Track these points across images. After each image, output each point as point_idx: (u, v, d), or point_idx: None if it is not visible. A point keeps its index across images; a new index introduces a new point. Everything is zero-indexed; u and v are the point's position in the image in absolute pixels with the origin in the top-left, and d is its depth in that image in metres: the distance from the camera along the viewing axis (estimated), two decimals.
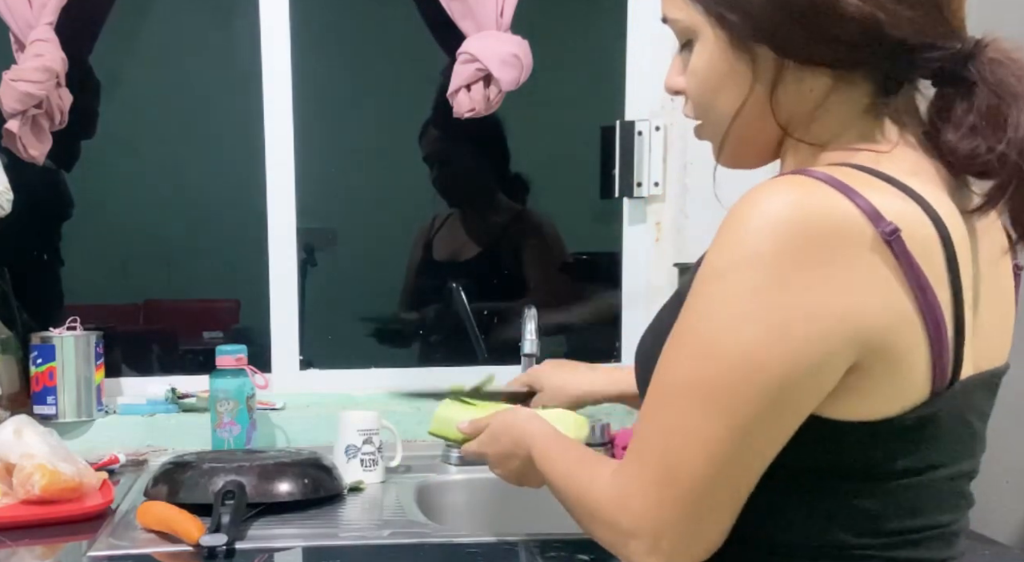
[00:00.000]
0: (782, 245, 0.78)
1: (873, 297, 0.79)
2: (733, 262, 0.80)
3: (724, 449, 0.81)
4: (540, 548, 1.37)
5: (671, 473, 0.83)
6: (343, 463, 1.69)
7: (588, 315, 2.29)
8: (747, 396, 0.80)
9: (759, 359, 0.79)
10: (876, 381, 0.81)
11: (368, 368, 2.14)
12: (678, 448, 0.82)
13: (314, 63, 2.08)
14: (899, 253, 0.78)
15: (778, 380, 0.79)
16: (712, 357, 0.81)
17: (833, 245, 0.78)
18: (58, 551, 1.42)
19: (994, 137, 0.82)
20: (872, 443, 0.82)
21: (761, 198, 0.80)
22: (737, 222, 0.80)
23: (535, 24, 1.99)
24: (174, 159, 2.30)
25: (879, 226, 0.78)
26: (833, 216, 0.78)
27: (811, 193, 0.79)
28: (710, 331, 0.81)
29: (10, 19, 1.84)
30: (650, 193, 2.08)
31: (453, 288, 2.22)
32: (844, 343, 0.79)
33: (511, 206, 2.35)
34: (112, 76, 2.17)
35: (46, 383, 1.89)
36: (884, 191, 0.81)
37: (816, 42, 0.84)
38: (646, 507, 0.84)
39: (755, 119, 0.90)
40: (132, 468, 1.82)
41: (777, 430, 0.81)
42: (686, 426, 0.82)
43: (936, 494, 0.87)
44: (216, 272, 2.36)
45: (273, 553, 1.38)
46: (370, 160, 2.35)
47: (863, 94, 0.87)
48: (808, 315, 0.78)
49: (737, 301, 0.79)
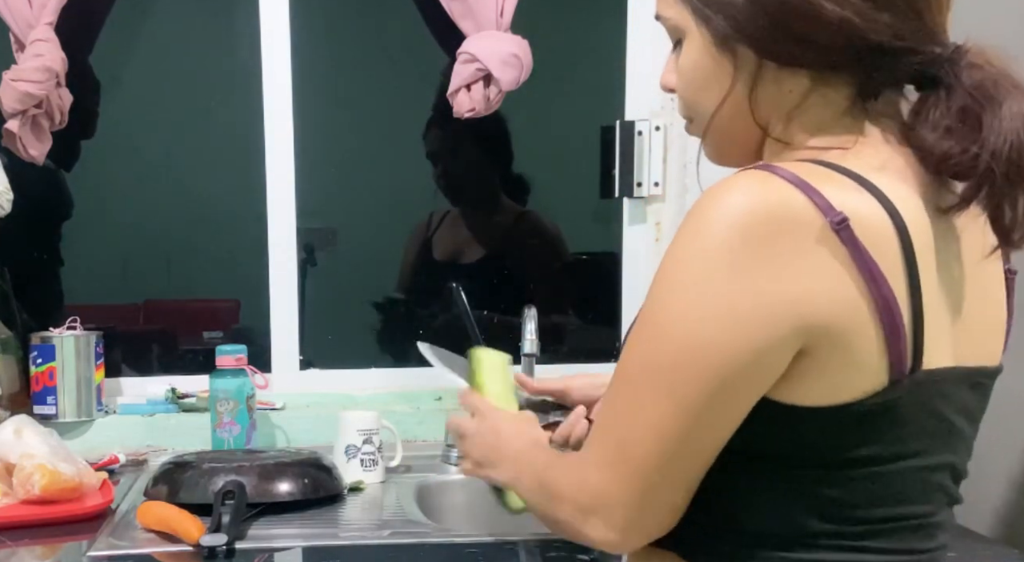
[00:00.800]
0: (734, 234, 0.81)
1: (820, 284, 0.81)
2: (688, 251, 0.83)
3: (673, 429, 0.84)
4: (540, 548, 1.37)
5: (624, 451, 0.87)
6: (343, 463, 1.69)
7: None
8: (693, 377, 0.83)
9: (704, 341, 0.82)
10: (827, 366, 0.83)
11: (368, 368, 2.14)
12: (630, 427, 0.86)
13: (314, 63, 2.08)
14: (847, 242, 0.80)
15: (723, 362, 0.82)
16: (661, 340, 0.84)
17: (782, 234, 0.80)
18: (58, 551, 1.42)
19: (969, 139, 0.83)
20: (831, 429, 0.84)
21: (719, 192, 0.83)
22: (696, 214, 0.84)
23: (535, 24, 1.99)
24: (174, 159, 2.29)
25: (828, 216, 0.80)
26: (783, 207, 0.81)
27: (765, 187, 0.82)
28: (662, 316, 0.85)
29: (10, 19, 1.84)
30: (650, 193, 2.08)
31: (453, 288, 2.22)
32: (790, 328, 0.81)
33: (511, 206, 2.35)
34: (112, 76, 2.16)
35: (46, 383, 1.89)
36: (840, 184, 0.83)
37: (794, 44, 0.86)
38: (601, 483, 0.88)
39: (735, 117, 0.92)
40: (132, 468, 1.82)
41: (725, 412, 0.84)
42: (638, 407, 0.86)
43: (907, 485, 0.88)
44: (216, 272, 2.36)
45: (273, 553, 1.38)
46: (370, 160, 2.34)
47: (842, 96, 0.89)
48: (754, 300, 0.81)
49: (688, 287, 0.83)
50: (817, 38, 0.85)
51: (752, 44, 0.88)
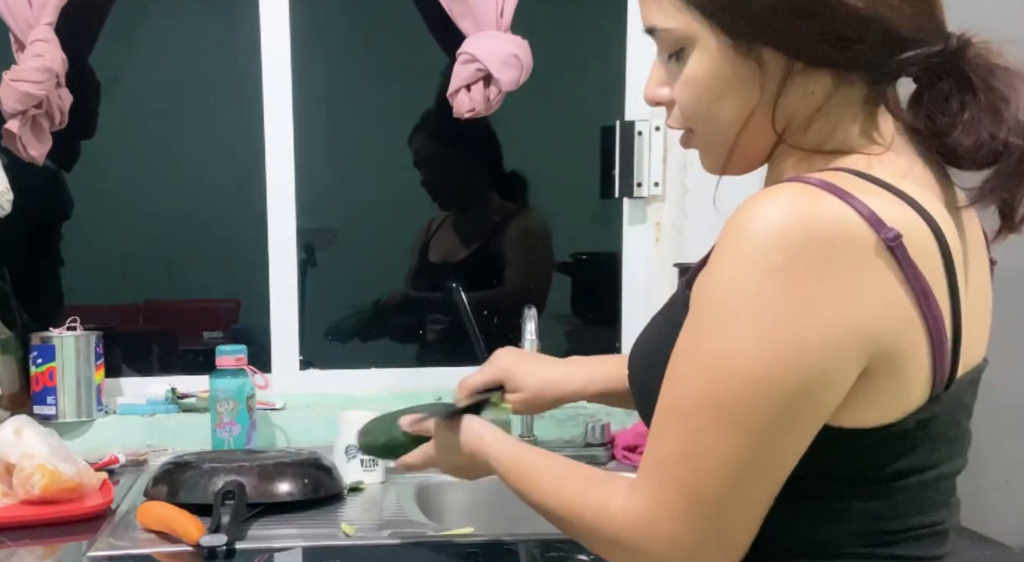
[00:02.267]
0: (786, 256, 0.77)
1: (880, 304, 0.79)
2: (738, 275, 0.79)
3: (742, 466, 0.81)
4: (540, 548, 1.37)
5: (696, 494, 0.82)
6: (343, 463, 1.69)
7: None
8: (765, 413, 0.80)
9: (775, 375, 0.79)
10: (881, 387, 0.81)
11: (368, 368, 2.14)
12: (700, 469, 0.82)
13: (314, 63, 2.08)
14: (902, 259, 0.78)
15: (794, 394, 0.79)
16: (724, 374, 0.80)
17: (838, 253, 0.77)
18: (58, 551, 1.42)
19: (995, 126, 0.82)
20: (876, 448, 0.83)
21: (762, 207, 0.79)
22: (739, 232, 0.80)
23: (535, 24, 1.99)
24: (174, 159, 2.30)
25: (881, 232, 0.78)
26: (836, 223, 0.78)
27: (811, 200, 0.79)
28: (722, 348, 0.80)
29: (10, 19, 1.84)
30: (650, 193, 2.08)
31: (453, 288, 2.22)
32: (856, 351, 0.79)
33: (505, 206, 2.35)
34: (112, 76, 2.16)
35: (46, 383, 1.89)
36: (881, 196, 0.80)
37: (824, 41, 0.83)
38: (675, 530, 0.84)
39: (754, 127, 0.88)
40: (132, 468, 1.82)
41: (796, 442, 0.82)
42: (706, 446, 0.81)
43: (932, 493, 0.88)
44: (216, 272, 2.36)
45: (273, 553, 1.38)
46: (370, 160, 2.35)
47: (859, 95, 0.87)
48: (819, 327, 0.78)
49: (747, 315, 0.79)
50: (849, 33, 0.82)
51: (781, 45, 0.84)
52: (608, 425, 1.91)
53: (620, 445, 1.88)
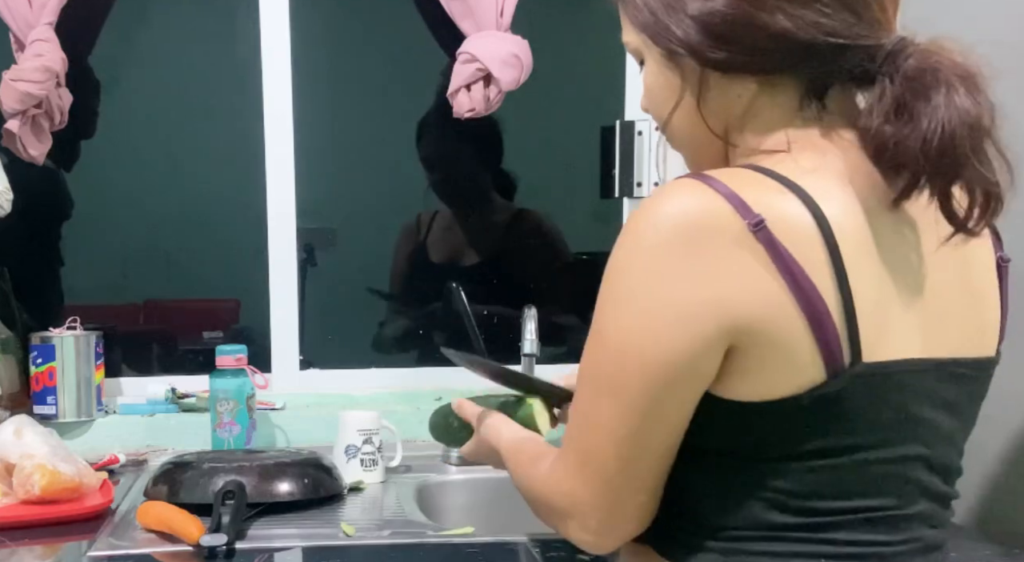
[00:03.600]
0: (659, 243, 0.85)
1: (740, 285, 0.84)
2: (621, 258, 0.89)
3: (623, 431, 0.88)
4: (540, 548, 1.37)
5: (585, 456, 0.91)
6: (343, 463, 1.69)
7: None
8: (632, 381, 0.87)
9: (637, 345, 0.86)
10: (758, 362, 0.85)
11: (368, 368, 2.14)
12: (588, 433, 0.91)
13: (314, 63, 2.08)
14: (765, 241, 0.83)
15: (655, 365, 0.86)
16: (602, 347, 0.90)
17: (703, 239, 0.84)
18: (58, 551, 1.42)
19: (904, 130, 0.85)
20: (775, 423, 0.87)
21: (649, 202, 0.88)
22: (629, 223, 0.89)
23: (535, 24, 1.99)
24: (174, 159, 2.30)
25: (747, 218, 0.83)
26: (705, 213, 0.84)
27: (691, 195, 0.86)
28: (600, 324, 0.90)
29: (10, 19, 1.84)
30: (650, 193, 2.08)
31: (453, 287, 2.22)
32: (715, 328, 0.84)
33: (509, 206, 2.35)
34: (112, 76, 2.17)
35: (46, 383, 1.89)
36: (764, 187, 0.86)
37: (731, 52, 0.90)
38: (572, 488, 0.93)
39: (690, 127, 0.97)
40: (132, 468, 1.82)
41: (669, 411, 0.88)
42: (590, 412, 0.91)
43: (867, 477, 0.89)
44: (216, 272, 2.36)
45: (273, 553, 1.38)
46: (370, 160, 2.35)
47: (790, 97, 0.92)
48: (679, 303, 0.85)
49: (620, 295, 0.88)
50: (753, 44, 0.89)
51: (692, 55, 0.92)
52: None
53: None
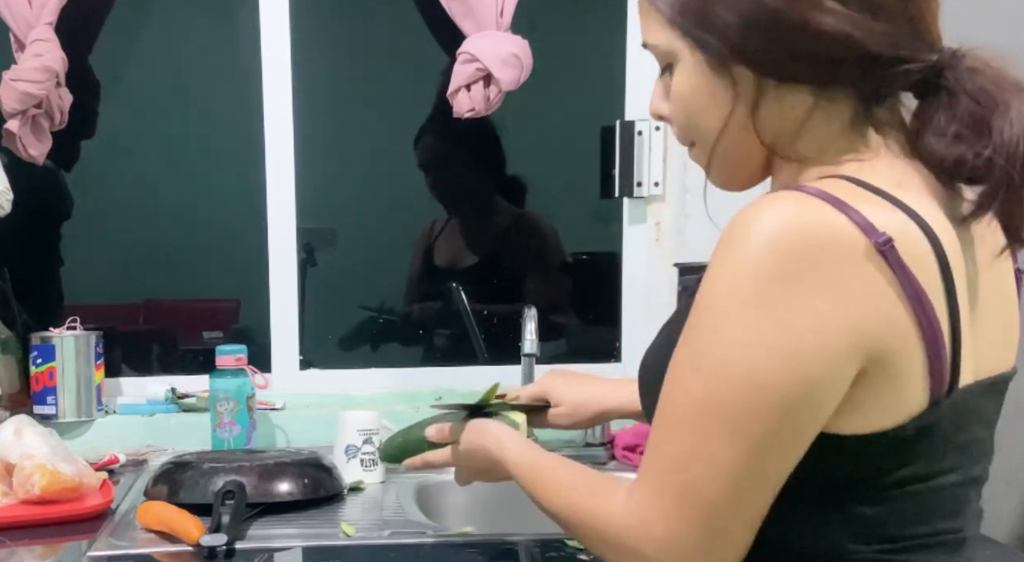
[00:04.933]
0: (780, 262, 0.79)
1: (872, 308, 0.79)
2: (734, 281, 0.80)
3: (740, 471, 0.82)
4: (540, 548, 1.37)
5: (689, 497, 0.83)
6: (343, 463, 1.69)
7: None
8: (759, 416, 0.80)
9: (767, 379, 0.80)
10: (877, 392, 0.81)
11: (368, 368, 2.14)
12: (694, 472, 0.83)
13: (314, 63, 2.08)
14: (893, 263, 0.79)
15: (788, 398, 0.80)
16: (721, 379, 0.81)
17: (829, 258, 0.79)
18: (58, 551, 1.42)
19: (979, 143, 0.82)
20: (875, 454, 0.83)
21: (756, 215, 0.80)
22: (734, 241, 0.81)
23: (535, 24, 1.99)
24: (174, 159, 2.29)
25: (872, 237, 0.78)
26: (827, 229, 0.79)
27: (804, 208, 0.80)
28: (717, 353, 0.82)
29: (10, 19, 1.84)
30: (650, 193, 2.08)
31: (453, 287, 2.22)
32: (849, 355, 0.80)
33: (510, 209, 2.35)
34: (112, 76, 2.16)
35: (46, 383, 1.89)
36: (873, 202, 0.81)
37: (792, 60, 0.85)
38: (669, 533, 0.84)
39: (740, 140, 0.90)
40: (132, 468, 1.82)
41: (791, 448, 0.82)
42: (700, 449, 0.82)
43: (941, 501, 0.87)
44: (216, 272, 2.36)
45: (273, 553, 1.38)
46: (370, 160, 2.34)
47: (845, 109, 0.88)
48: (811, 331, 0.79)
49: (741, 321, 0.80)
50: (815, 52, 0.84)
51: (750, 63, 0.86)
52: (608, 425, 1.91)
53: (620, 445, 1.88)
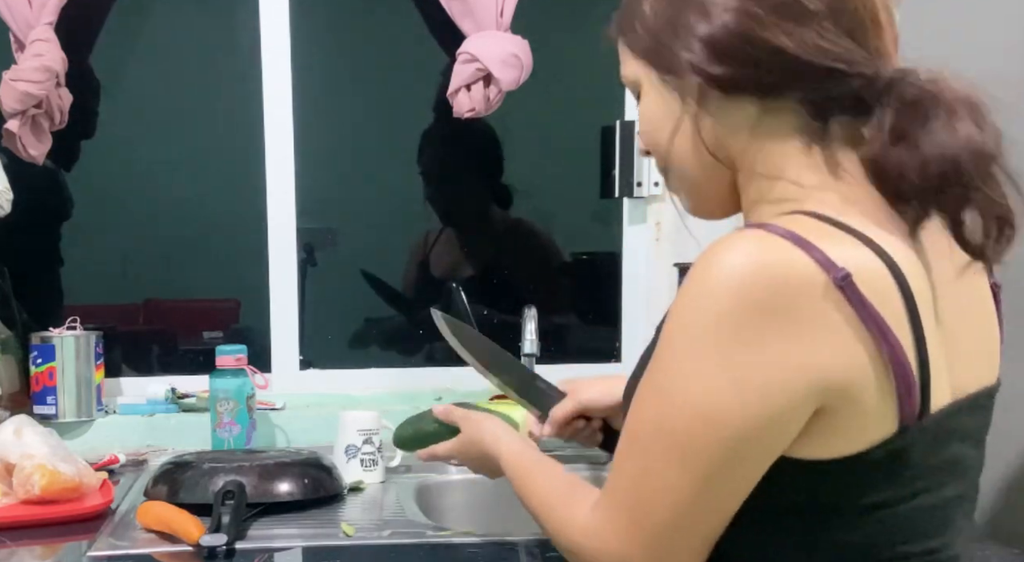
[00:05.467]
0: (740, 300, 0.80)
1: (830, 345, 0.80)
2: (695, 317, 0.82)
3: (686, 497, 0.84)
4: (540, 548, 1.37)
5: (638, 517, 0.86)
6: (343, 463, 1.69)
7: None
8: (706, 448, 0.82)
9: (718, 413, 0.81)
10: (841, 422, 0.82)
11: (368, 368, 2.14)
12: (644, 494, 0.86)
13: (314, 63, 2.08)
14: (852, 298, 0.79)
15: (737, 433, 0.81)
16: (671, 406, 0.84)
17: (788, 297, 0.79)
18: (58, 551, 1.41)
19: (907, 154, 0.84)
20: (843, 479, 0.84)
21: (720, 253, 0.82)
22: (699, 277, 0.82)
23: (535, 24, 1.99)
24: (174, 159, 2.29)
25: (831, 273, 0.79)
26: (787, 268, 0.80)
27: (767, 247, 0.81)
28: (673, 383, 0.84)
29: (10, 19, 1.84)
30: (650, 193, 2.08)
31: (453, 288, 2.22)
32: (806, 392, 0.81)
33: (504, 215, 2.34)
34: (112, 76, 2.16)
35: (46, 383, 1.89)
36: (835, 238, 0.82)
37: (731, 68, 0.87)
38: (621, 550, 0.87)
39: (689, 152, 0.93)
40: (132, 468, 1.82)
41: (739, 479, 0.84)
42: (651, 473, 0.85)
43: (920, 522, 0.87)
44: (216, 272, 2.35)
45: (273, 553, 1.38)
46: (370, 160, 2.34)
47: (792, 123, 0.89)
48: (766, 369, 0.80)
49: (698, 355, 0.82)
50: (751, 60, 0.86)
51: (692, 71, 0.89)
52: None
53: None
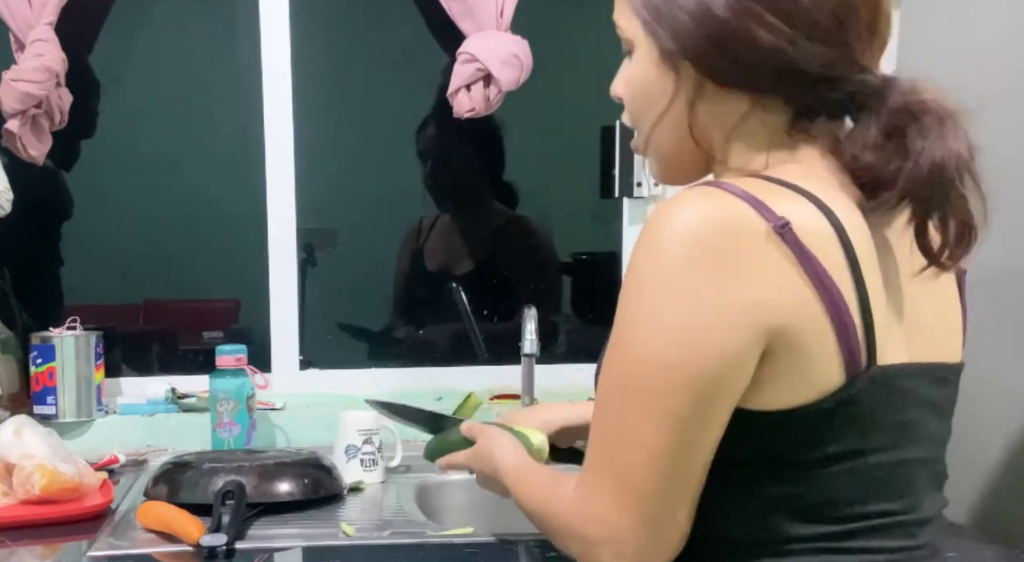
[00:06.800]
0: (686, 249, 0.83)
1: (772, 287, 0.84)
2: (646, 268, 0.86)
3: (662, 446, 0.85)
4: (540, 548, 1.37)
5: (621, 477, 0.87)
6: (343, 463, 1.69)
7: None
8: (670, 391, 0.84)
9: (673, 357, 0.84)
10: (787, 367, 0.85)
11: (368, 368, 2.14)
12: (621, 452, 0.87)
13: (314, 63, 2.08)
14: (791, 243, 0.83)
15: (696, 374, 0.84)
16: (632, 358, 0.86)
17: (732, 243, 0.83)
18: (58, 551, 1.42)
19: (894, 157, 0.87)
20: (796, 429, 0.86)
21: (669, 208, 0.86)
22: (648, 232, 0.86)
23: (535, 24, 1.99)
24: (174, 159, 2.29)
25: (772, 221, 0.83)
26: (731, 218, 0.84)
27: (713, 200, 0.85)
28: (629, 335, 0.87)
29: (10, 19, 1.84)
30: (650, 193, 2.08)
31: (453, 287, 2.22)
32: (752, 332, 0.84)
33: (504, 210, 2.34)
34: (112, 76, 2.16)
35: (46, 383, 1.89)
36: (780, 193, 0.86)
37: (731, 65, 0.90)
38: (606, 514, 0.88)
39: (675, 134, 0.96)
40: (132, 468, 1.82)
41: (708, 422, 0.85)
42: (623, 429, 0.87)
43: (876, 481, 0.89)
44: (216, 272, 2.36)
45: (273, 553, 1.38)
46: (370, 160, 2.35)
47: (780, 120, 0.93)
48: (714, 310, 0.83)
49: (649, 304, 0.85)
50: (751, 62, 0.89)
51: (693, 61, 0.91)
52: None
53: None
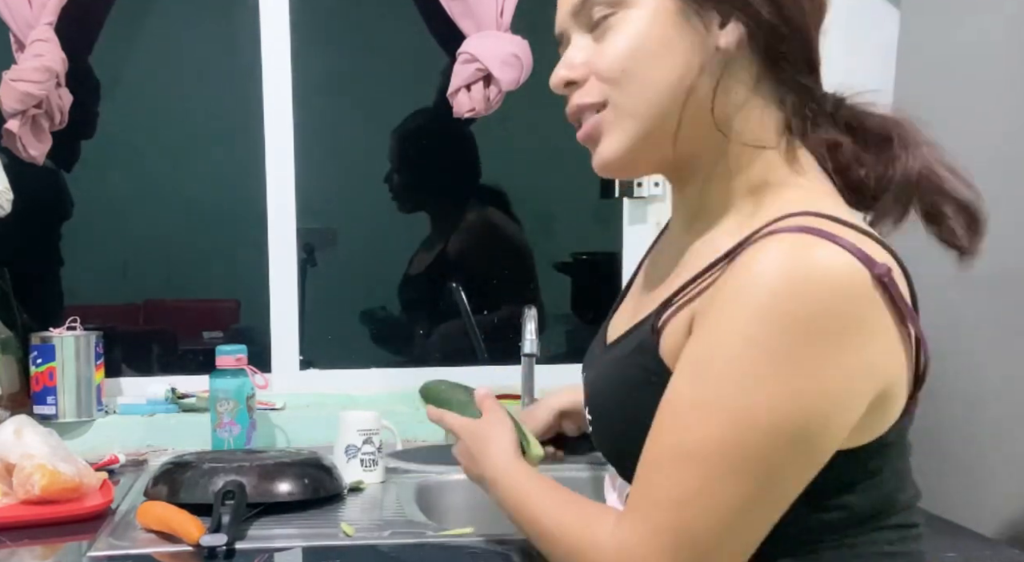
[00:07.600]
0: (801, 306, 0.78)
1: (882, 349, 0.81)
2: (754, 328, 0.79)
3: (748, 511, 0.82)
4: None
5: (687, 538, 0.82)
6: (343, 463, 1.69)
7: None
8: (786, 460, 0.81)
9: (798, 426, 0.79)
10: (877, 415, 0.84)
11: (368, 368, 2.14)
12: (697, 513, 0.82)
13: (314, 63, 2.08)
14: (895, 294, 0.80)
15: (809, 439, 0.80)
16: (748, 425, 0.80)
17: (850, 306, 0.79)
18: (58, 551, 1.41)
19: (883, 166, 0.89)
20: (862, 460, 0.86)
21: (771, 261, 0.80)
22: (748, 286, 0.80)
23: (535, 24, 1.99)
24: (174, 159, 2.29)
25: (874, 269, 0.79)
26: (838, 267, 0.79)
27: (807, 248, 0.80)
28: (741, 398, 0.80)
29: (10, 19, 1.84)
30: (650, 193, 2.08)
31: (453, 287, 2.22)
32: (869, 398, 0.82)
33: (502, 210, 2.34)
34: (112, 76, 2.17)
35: (46, 383, 1.89)
36: (859, 238, 0.82)
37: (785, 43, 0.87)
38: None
39: (696, 103, 0.88)
40: (132, 468, 1.82)
41: (804, 478, 0.83)
42: (708, 491, 0.81)
43: (910, 489, 0.93)
44: (216, 272, 2.36)
45: (273, 553, 1.37)
46: (370, 160, 2.34)
47: (776, 116, 0.91)
48: (843, 375, 0.79)
49: (768, 367, 0.79)
50: (797, 45, 0.88)
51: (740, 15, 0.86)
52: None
53: None
